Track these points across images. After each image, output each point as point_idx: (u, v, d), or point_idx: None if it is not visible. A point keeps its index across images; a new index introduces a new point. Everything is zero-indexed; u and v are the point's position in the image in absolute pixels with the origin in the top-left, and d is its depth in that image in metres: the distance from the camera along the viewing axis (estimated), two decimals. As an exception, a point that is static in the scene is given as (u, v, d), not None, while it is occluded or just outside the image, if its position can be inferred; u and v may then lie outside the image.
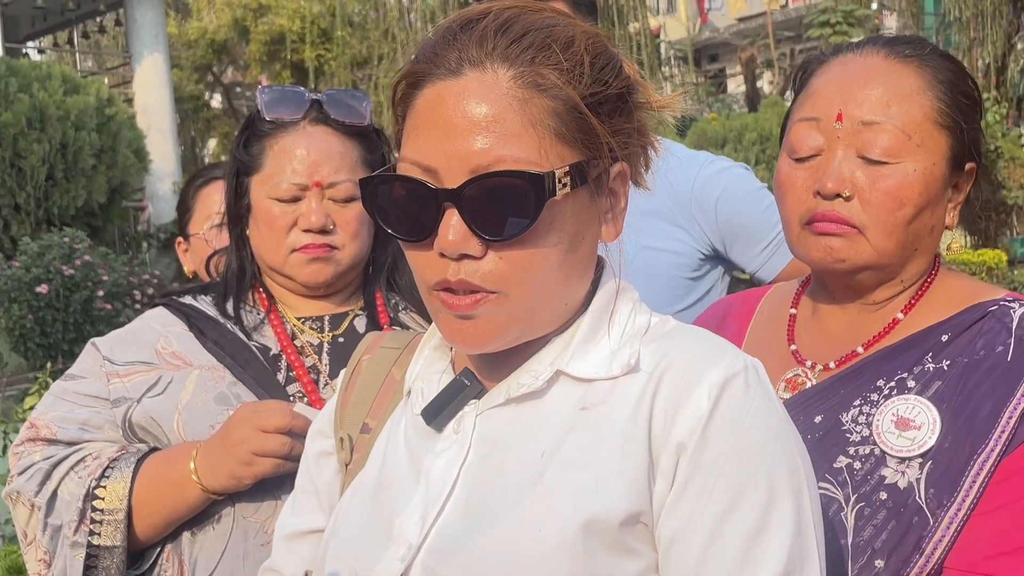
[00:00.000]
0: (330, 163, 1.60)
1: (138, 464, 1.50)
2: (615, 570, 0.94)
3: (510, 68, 0.95)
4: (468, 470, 1.02)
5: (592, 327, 1.04)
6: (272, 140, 1.61)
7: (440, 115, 0.95)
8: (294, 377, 1.60)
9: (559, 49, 0.96)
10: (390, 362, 1.18)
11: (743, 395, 0.96)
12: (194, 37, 20.94)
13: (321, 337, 1.66)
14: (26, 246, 8.20)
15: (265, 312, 1.66)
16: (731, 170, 2.13)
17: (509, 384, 1.03)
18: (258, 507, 1.50)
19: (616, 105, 1.00)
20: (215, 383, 1.56)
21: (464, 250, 0.95)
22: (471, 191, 0.93)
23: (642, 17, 13.64)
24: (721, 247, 2.11)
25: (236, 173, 1.65)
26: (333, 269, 1.62)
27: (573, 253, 0.99)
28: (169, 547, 1.54)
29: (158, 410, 1.54)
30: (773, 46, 16.12)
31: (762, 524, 0.94)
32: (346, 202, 1.61)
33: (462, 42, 0.96)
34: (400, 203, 0.98)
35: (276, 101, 1.62)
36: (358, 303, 1.71)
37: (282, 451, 1.44)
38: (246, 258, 1.68)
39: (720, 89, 22.95)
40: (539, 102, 0.95)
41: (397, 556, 1.00)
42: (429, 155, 0.95)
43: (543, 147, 0.94)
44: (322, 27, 17.54)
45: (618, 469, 0.96)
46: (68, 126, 10.15)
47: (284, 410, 1.46)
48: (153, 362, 1.59)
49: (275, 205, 1.59)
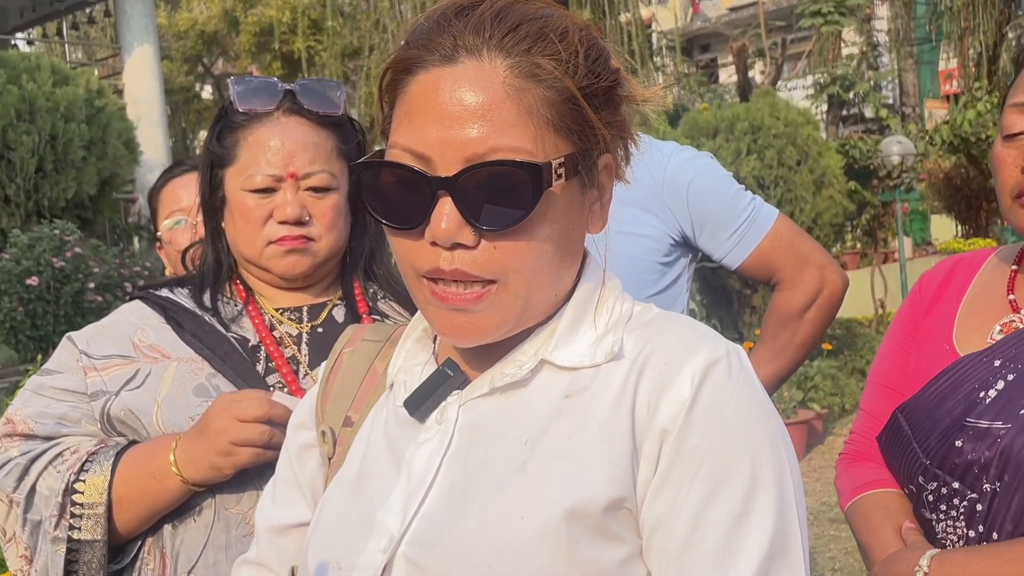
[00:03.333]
0: (305, 154, 1.58)
1: (117, 457, 1.49)
2: (599, 556, 0.94)
3: (507, 57, 0.94)
4: (451, 459, 1.01)
5: (576, 316, 1.04)
6: (246, 132, 1.59)
7: (435, 102, 0.94)
8: (274, 368, 1.59)
9: (555, 39, 0.96)
10: (372, 355, 1.17)
11: (725, 381, 0.97)
12: (184, 28, 20.84)
13: (300, 328, 1.65)
14: (16, 238, 8.15)
15: (243, 304, 1.65)
16: (699, 158, 2.18)
17: (493, 374, 1.03)
18: (239, 498, 1.50)
19: (606, 98, 1.00)
20: (194, 375, 1.55)
21: (457, 239, 0.94)
22: (466, 180, 0.93)
23: (633, 7, 13.61)
24: (690, 233, 2.15)
25: (210, 165, 1.63)
26: (310, 260, 1.61)
27: (565, 244, 1.00)
28: (150, 540, 1.53)
29: (137, 403, 1.53)
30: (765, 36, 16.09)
31: (745, 509, 0.94)
32: (322, 192, 1.60)
33: (458, 28, 0.96)
34: (390, 190, 0.97)
35: (249, 92, 1.60)
36: (336, 293, 1.71)
37: (261, 440, 1.44)
38: (222, 250, 1.66)
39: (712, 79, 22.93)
40: (535, 92, 0.94)
41: (379, 548, 0.99)
42: (423, 142, 0.94)
43: (539, 137, 0.94)
44: (312, 18, 17.47)
45: (601, 455, 0.96)
46: (58, 118, 10.09)
47: (262, 399, 1.45)
48: (131, 355, 1.58)
49: (250, 197, 1.58)
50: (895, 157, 11.08)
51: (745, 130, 8.86)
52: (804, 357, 2.24)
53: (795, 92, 16.60)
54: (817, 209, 8.97)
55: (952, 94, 18.75)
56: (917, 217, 15.64)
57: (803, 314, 2.17)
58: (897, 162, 11.08)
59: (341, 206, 1.63)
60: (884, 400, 1.64)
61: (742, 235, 2.14)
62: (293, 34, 17.12)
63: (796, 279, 2.16)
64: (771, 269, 2.17)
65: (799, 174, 8.88)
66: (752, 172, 8.66)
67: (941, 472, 1.46)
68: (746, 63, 11.92)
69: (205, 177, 1.65)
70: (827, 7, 15.67)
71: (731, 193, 2.16)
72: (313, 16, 17.51)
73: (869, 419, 1.66)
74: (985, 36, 15.38)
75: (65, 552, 1.47)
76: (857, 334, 9.61)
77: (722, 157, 8.41)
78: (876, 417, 1.64)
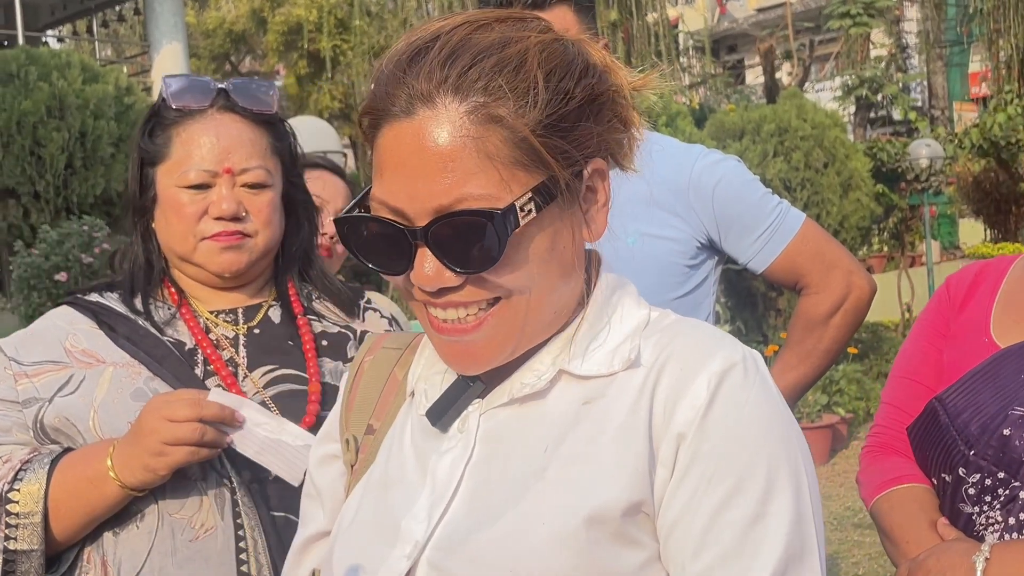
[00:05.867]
0: (241, 150, 1.58)
1: (52, 464, 1.47)
2: (619, 560, 0.95)
3: (462, 102, 0.95)
4: (473, 468, 1.03)
5: (592, 324, 1.05)
6: (179, 128, 1.58)
7: (399, 158, 0.96)
8: (212, 371, 1.57)
9: (511, 73, 0.96)
10: (392, 363, 1.19)
11: (741, 385, 0.97)
12: (212, 27, 20.98)
13: (236, 330, 1.64)
14: (45, 234, 8.23)
15: (176, 307, 1.63)
16: (726, 162, 2.17)
17: (512, 384, 1.04)
18: (183, 503, 1.49)
19: (581, 112, 0.99)
20: (131, 379, 1.53)
21: (440, 284, 0.97)
22: (437, 230, 0.95)
23: (660, 7, 13.57)
24: (716, 236, 2.14)
25: (140, 164, 1.62)
26: (246, 257, 1.60)
27: (556, 261, 1.00)
28: (89, 548, 1.51)
29: (72, 409, 1.51)
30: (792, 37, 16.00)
31: (760, 512, 0.95)
32: (258, 188, 1.59)
33: (410, 78, 0.96)
34: (374, 240, 1.00)
35: (183, 90, 1.60)
36: (271, 294, 1.69)
37: (193, 438, 1.42)
38: (153, 252, 1.64)
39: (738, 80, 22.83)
40: (494, 136, 0.94)
41: (403, 554, 1.01)
42: (395, 196, 0.97)
43: (504, 178, 0.95)
44: (339, 17, 17.53)
45: (619, 460, 0.97)
46: (87, 115, 10.17)
47: (193, 399, 1.44)
48: (63, 360, 1.55)
49: (184, 193, 1.57)
50: (923, 160, 11.00)
51: (772, 132, 8.81)
52: (830, 363, 2.22)
53: (822, 94, 16.51)
54: (844, 212, 8.92)
55: (982, 97, 18.56)
56: (945, 221, 15.51)
57: (829, 319, 2.16)
58: (925, 165, 11.00)
59: (276, 203, 1.62)
60: (910, 393, 1.63)
61: (768, 239, 2.13)
62: (320, 33, 17.18)
63: (822, 284, 2.15)
64: (797, 274, 2.16)
65: (826, 176, 8.83)
66: (779, 174, 8.61)
67: (986, 463, 1.45)
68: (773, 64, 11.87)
69: (135, 176, 1.63)
70: (856, 8, 15.57)
71: (757, 197, 2.15)
72: (340, 15, 17.57)
73: (895, 412, 1.66)
74: (1016, 38, 15.21)
75: (1, 563, 1.44)
76: (883, 338, 9.54)
77: (748, 159, 8.37)
78: (903, 410, 1.63)
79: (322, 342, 1.67)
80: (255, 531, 1.49)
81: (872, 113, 16.51)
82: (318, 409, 1.57)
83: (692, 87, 15.89)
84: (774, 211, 2.14)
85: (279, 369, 1.62)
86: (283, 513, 1.52)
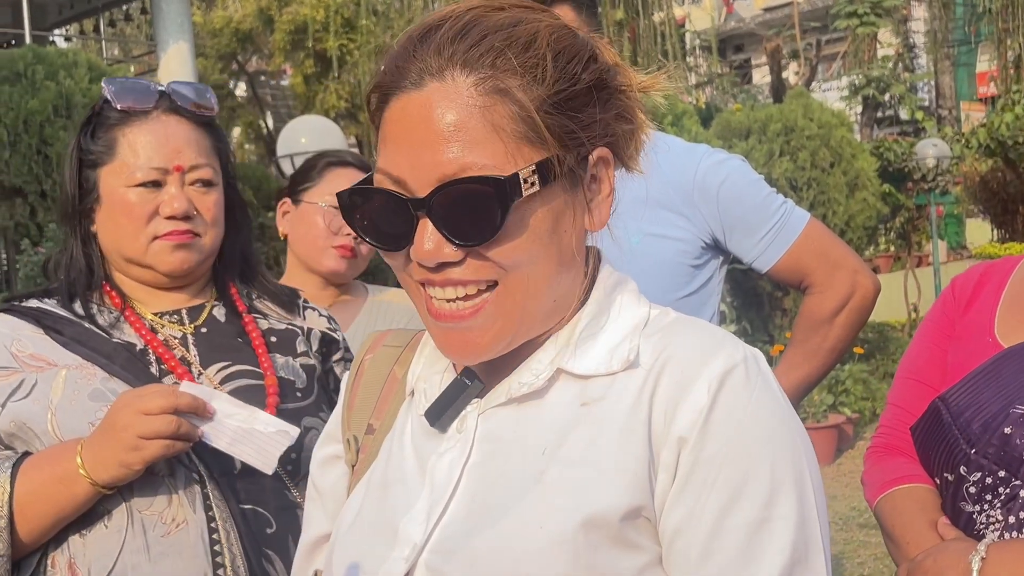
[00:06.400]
0: (189, 148, 1.59)
1: (15, 467, 1.45)
2: (617, 564, 0.95)
3: (470, 74, 0.95)
4: (472, 470, 1.02)
5: (591, 322, 1.04)
6: (124, 129, 1.58)
7: (405, 128, 0.96)
8: (167, 370, 1.57)
9: (520, 49, 0.96)
10: (392, 361, 1.18)
11: (743, 387, 0.97)
12: (219, 26, 20.99)
13: (183, 329, 1.64)
14: (52, 233, 8.26)
15: (119, 311, 1.62)
16: (730, 161, 2.17)
17: (510, 383, 1.04)
18: (152, 500, 1.48)
19: (588, 97, 0.99)
20: (87, 380, 1.52)
21: (440, 258, 0.96)
22: (439, 199, 0.95)
23: (667, 6, 13.56)
24: (721, 236, 2.14)
25: (79, 166, 1.61)
26: (196, 256, 1.60)
27: (557, 245, 1.00)
28: (54, 553, 1.49)
29: (27, 412, 1.50)
30: (799, 37, 15.98)
31: (765, 516, 0.94)
32: (207, 187, 1.60)
33: (421, 53, 0.97)
34: (376, 214, 1.00)
35: (125, 91, 1.60)
36: (212, 294, 1.70)
37: (168, 430, 1.41)
38: (93, 256, 1.63)
39: (745, 80, 22.80)
40: (501, 107, 0.95)
41: (402, 556, 1.00)
42: (398, 166, 0.97)
43: (509, 150, 0.95)
44: (346, 16, 17.53)
45: (618, 464, 0.96)
46: (94, 114, 10.20)
47: (168, 391, 1.44)
48: (11, 366, 1.53)
49: (132, 192, 1.56)
50: (930, 160, 10.98)
51: (778, 131, 8.80)
52: (835, 362, 2.22)
53: (829, 93, 16.48)
54: (850, 212, 8.90)
55: (989, 96, 18.51)
56: (952, 220, 15.47)
57: (834, 318, 2.16)
58: (932, 165, 10.97)
59: (221, 203, 1.63)
60: (916, 394, 1.63)
61: (773, 238, 2.13)
62: (326, 32, 17.19)
63: (827, 283, 2.15)
64: (802, 273, 2.16)
65: (832, 176, 8.81)
66: (785, 174, 8.60)
67: (987, 461, 1.45)
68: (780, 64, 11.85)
69: (73, 180, 1.61)
70: (863, 8, 15.54)
71: (762, 196, 2.15)
72: (346, 15, 17.58)
73: (900, 412, 1.66)
74: (1024, 38, 15.17)
75: None
76: (889, 338, 9.53)
77: (754, 158, 8.36)
78: (907, 410, 1.63)
79: (271, 338, 1.68)
80: (227, 523, 1.49)
81: (879, 113, 16.48)
82: (277, 401, 1.58)
83: (698, 86, 15.88)
84: (779, 210, 2.14)
85: (233, 365, 1.62)
86: (251, 505, 1.53)
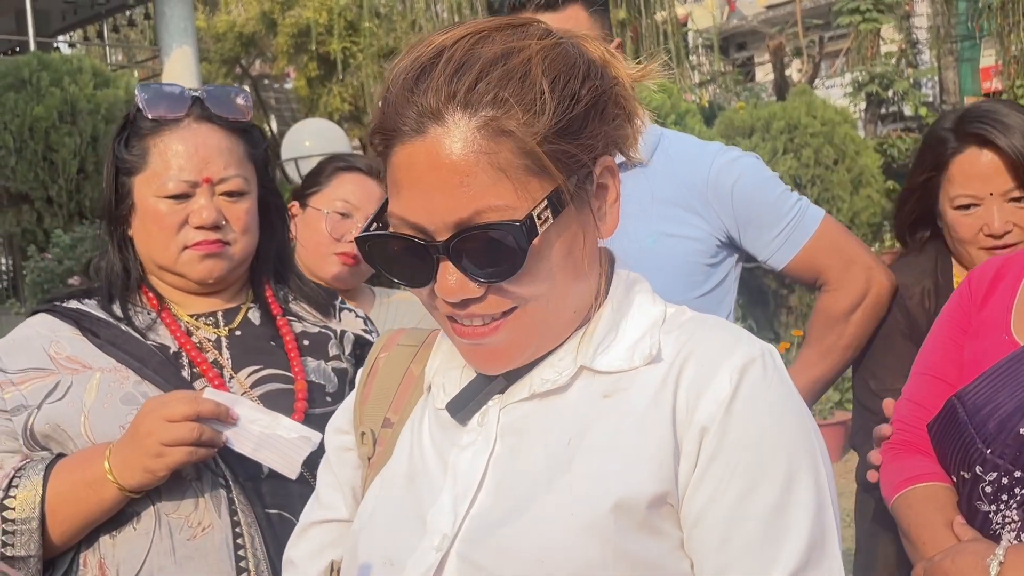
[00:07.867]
0: (219, 159, 1.59)
1: (47, 470, 1.48)
2: (644, 549, 0.98)
3: (471, 117, 0.96)
4: (496, 462, 1.05)
5: (611, 320, 1.07)
6: (156, 138, 1.60)
7: (414, 176, 0.98)
8: (199, 373, 1.59)
9: (517, 84, 0.97)
10: (408, 358, 1.21)
11: (761, 379, 1.01)
12: (222, 30, 21.02)
13: (218, 332, 1.65)
14: (58, 239, 8.27)
15: (156, 312, 1.64)
16: (744, 159, 2.16)
17: (532, 379, 1.06)
18: (179, 503, 1.50)
19: (589, 112, 1.01)
20: (119, 384, 1.54)
21: (463, 295, 0.99)
22: (458, 244, 0.97)
23: (669, 5, 13.55)
24: (735, 234, 2.14)
25: (116, 174, 1.62)
26: (226, 264, 1.62)
27: (570, 267, 1.03)
28: (86, 552, 1.51)
29: (61, 415, 1.52)
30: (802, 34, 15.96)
31: (784, 501, 0.98)
32: (236, 197, 1.61)
33: (417, 96, 0.97)
34: (397, 256, 1.02)
35: (157, 99, 1.61)
36: (248, 297, 1.72)
37: (191, 438, 1.43)
38: (129, 259, 1.65)
39: (748, 78, 22.78)
40: (505, 149, 0.96)
41: (432, 546, 1.03)
42: (414, 213, 0.98)
43: (518, 188, 0.96)
44: (349, 19, 17.54)
45: (644, 452, 1.00)
46: (99, 119, 10.21)
47: (190, 398, 1.45)
48: (48, 367, 1.56)
49: (163, 203, 1.58)
50: (935, 156, 10.92)
51: (781, 129, 8.79)
52: (851, 360, 2.21)
53: (832, 90, 16.46)
54: (855, 208, 8.89)
55: (993, 92, 18.48)
56: (957, 216, 15.39)
57: (849, 316, 2.15)
58: (937, 161, 10.92)
59: (254, 210, 1.64)
60: (933, 390, 1.63)
61: (788, 236, 2.12)
62: (330, 35, 17.21)
63: (842, 280, 2.14)
64: (817, 270, 2.16)
65: (836, 173, 8.80)
66: (789, 171, 8.59)
67: (1002, 461, 1.44)
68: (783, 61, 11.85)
69: (110, 186, 1.63)
70: (865, 4, 15.51)
71: (776, 193, 2.15)
72: (349, 17, 17.59)
73: (917, 408, 1.65)
74: (1027, 33, 15.13)
75: None
76: (896, 335, 9.49)
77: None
78: (924, 407, 1.63)
79: (304, 342, 1.69)
80: (251, 528, 1.51)
81: (883, 109, 16.45)
82: (306, 407, 1.60)
83: (702, 85, 15.87)
84: (793, 208, 2.13)
85: (264, 369, 1.64)
86: (277, 510, 1.55)
